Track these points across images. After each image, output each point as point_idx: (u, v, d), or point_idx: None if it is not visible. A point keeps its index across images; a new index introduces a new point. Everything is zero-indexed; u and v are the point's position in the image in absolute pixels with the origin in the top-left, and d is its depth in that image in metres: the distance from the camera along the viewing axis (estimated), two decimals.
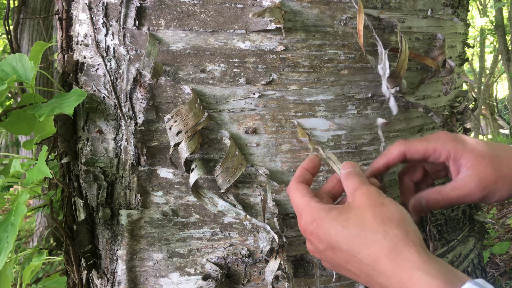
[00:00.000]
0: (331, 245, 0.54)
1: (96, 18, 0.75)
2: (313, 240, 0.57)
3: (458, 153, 0.62)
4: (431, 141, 0.64)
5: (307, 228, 0.58)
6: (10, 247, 0.71)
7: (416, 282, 0.45)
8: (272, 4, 0.69)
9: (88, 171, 0.80)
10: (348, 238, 0.52)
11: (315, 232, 0.56)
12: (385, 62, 0.72)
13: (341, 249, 0.53)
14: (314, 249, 0.59)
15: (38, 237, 3.82)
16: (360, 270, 0.52)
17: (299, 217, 0.59)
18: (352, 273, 0.54)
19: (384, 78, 0.73)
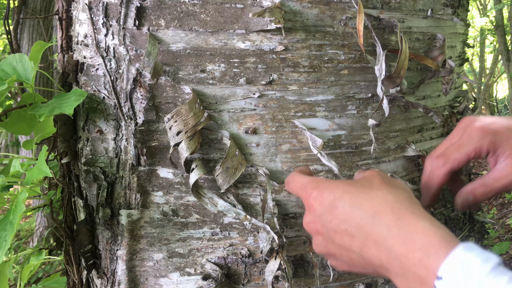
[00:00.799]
0: (332, 204, 0.54)
1: (96, 18, 0.75)
2: (314, 204, 0.56)
3: (495, 146, 0.61)
4: (466, 144, 0.62)
5: (311, 194, 0.57)
6: (7, 245, 0.71)
7: (419, 230, 0.45)
8: (272, 4, 0.69)
9: (88, 171, 0.80)
10: (352, 195, 0.53)
11: (319, 195, 0.56)
12: (382, 64, 0.72)
13: (342, 206, 0.53)
14: (311, 217, 0.57)
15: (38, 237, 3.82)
16: (357, 228, 0.50)
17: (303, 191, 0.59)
18: (346, 235, 0.51)
19: (380, 79, 0.73)
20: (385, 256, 0.47)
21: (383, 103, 0.73)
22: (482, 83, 7.02)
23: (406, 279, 0.45)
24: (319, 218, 0.55)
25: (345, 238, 0.52)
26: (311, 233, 0.59)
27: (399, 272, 0.45)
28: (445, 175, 0.63)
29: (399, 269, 0.45)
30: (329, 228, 0.54)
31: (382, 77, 0.72)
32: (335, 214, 0.53)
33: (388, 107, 0.73)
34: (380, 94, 0.73)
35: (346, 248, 0.52)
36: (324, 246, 0.56)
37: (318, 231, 0.57)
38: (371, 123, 0.74)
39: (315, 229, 0.57)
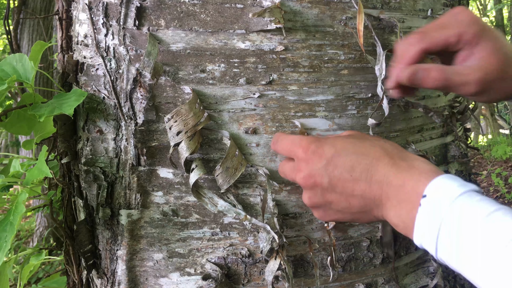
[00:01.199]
0: (335, 154, 0.58)
1: (96, 18, 0.75)
2: (313, 157, 0.59)
3: (478, 39, 0.58)
4: (451, 27, 0.59)
5: (309, 147, 0.60)
6: (8, 246, 0.71)
7: (412, 166, 0.54)
8: (272, 4, 0.69)
9: (88, 171, 0.80)
10: (354, 145, 0.59)
11: (319, 148, 0.59)
12: (382, 63, 0.72)
13: (346, 155, 0.58)
14: (308, 171, 0.59)
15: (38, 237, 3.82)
16: (363, 172, 0.56)
17: (297, 146, 0.61)
18: (349, 181, 0.57)
19: (380, 79, 0.73)
20: (385, 191, 0.55)
21: (383, 103, 0.73)
22: None
23: (400, 206, 0.53)
24: (319, 170, 0.59)
25: (348, 184, 0.57)
26: (306, 187, 0.61)
27: (395, 201, 0.54)
28: (418, 53, 0.60)
29: (395, 199, 0.54)
30: (331, 177, 0.58)
31: (382, 77, 0.72)
32: (338, 164, 0.58)
33: (388, 107, 0.73)
34: (380, 94, 0.73)
35: (348, 194, 0.58)
36: (320, 196, 0.60)
37: (316, 183, 0.59)
38: (370, 122, 0.74)
39: (312, 182, 0.60)
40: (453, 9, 0.62)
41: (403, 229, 0.55)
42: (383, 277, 0.82)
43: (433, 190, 0.50)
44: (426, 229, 0.51)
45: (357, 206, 0.58)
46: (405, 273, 0.86)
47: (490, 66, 0.58)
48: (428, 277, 0.88)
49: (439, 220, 0.49)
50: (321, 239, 0.78)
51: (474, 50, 0.59)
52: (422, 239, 0.52)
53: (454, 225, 0.48)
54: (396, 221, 0.55)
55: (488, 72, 0.58)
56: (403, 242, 0.85)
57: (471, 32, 0.58)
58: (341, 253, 0.79)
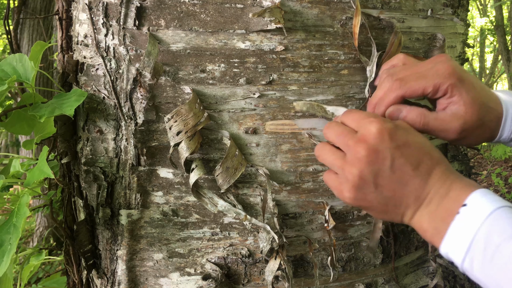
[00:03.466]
0: (407, 142, 0.58)
1: (96, 18, 0.75)
2: (385, 136, 0.58)
3: (455, 90, 0.61)
4: (429, 77, 0.62)
5: (384, 123, 0.58)
6: (13, 249, 0.70)
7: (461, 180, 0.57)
8: (272, 4, 0.69)
9: (88, 171, 0.80)
10: (424, 142, 0.60)
11: (393, 129, 0.58)
12: (373, 66, 0.72)
13: (417, 149, 0.58)
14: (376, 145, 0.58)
15: (38, 237, 3.82)
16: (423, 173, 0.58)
17: (370, 118, 0.60)
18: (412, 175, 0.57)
19: (368, 81, 0.73)
20: (430, 195, 0.57)
21: (367, 105, 0.73)
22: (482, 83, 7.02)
23: (437, 212, 0.55)
24: (387, 150, 0.57)
25: (407, 177, 0.57)
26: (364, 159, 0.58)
27: (434, 206, 0.56)
28: (396, 100, 0.64)
29: (435, 204, 0.56)
30: (395, 162, 0.57)
31: (372, 79, 0.72)
32: (406, 154, 0.57)
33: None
34: (367, 96, 0.74)
35: (401, 184, 0.58)
36: (373, 175, 0.58)
37: (378, 159, 0.57)
38: None
39: (374, 157, 0.58)
40: (435, 57, 0.64)
41: (431, 235, 0.56)
42: (383, 277, 0.82)
43: (474, 201, 0.53)
44: (459, 236, 0.52)
45: (398, 200, 0.58)
46: (405, 273, 0.86)
47: (468, 115, 0.61)
48: (428, 277, 0.88)
49: (474, 229, 0.51)
50: (321, 239, 0.78)
51: (452, 100, 0.62)
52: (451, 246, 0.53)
53: (489, 237, 0.50)
54: (427, 226, 0.56)
55: (466, 121, 0.61)
56: (403, 242, 0.85)
57: (447, 83, 0.61)
58: (341, 253, 0.79)
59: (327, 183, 0.63)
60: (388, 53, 0.73)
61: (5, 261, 0.69)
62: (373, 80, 0.72)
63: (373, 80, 0.72)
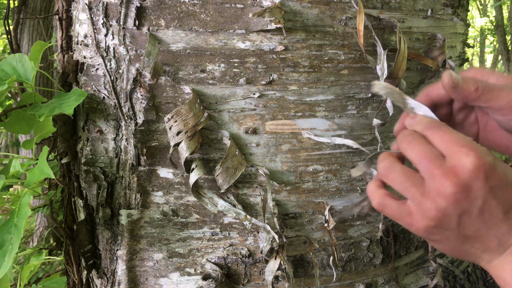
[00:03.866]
0: (506, 183, 0.50)
1: (96, 18, 0.75)
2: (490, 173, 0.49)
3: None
4: None
5: (483, 162, 0.49)
6: (15, 249, 0.69)
7: None
8: (272, 4, 0.69)
9: (88, 171, 0.80)
10: None
11: (492, 167, 0.49)
12: (384, 63, 0.72)
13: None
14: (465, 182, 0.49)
15: (38, 237, 3.82)
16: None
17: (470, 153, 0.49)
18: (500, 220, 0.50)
19: (382, 79, 0.73)
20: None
21: (387, 103, 0.73)
22: None
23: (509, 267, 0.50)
24: (479, 189, 0.49)
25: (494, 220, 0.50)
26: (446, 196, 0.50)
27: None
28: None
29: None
30: (485, 203, 0.50)
31: (385, 76, 0.72)
32: (498, 195, 0.50)
33: (392, 106, 0.73)
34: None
35: (485, 227, 0.51)
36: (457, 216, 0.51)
37: (461, 200, 0.50)
38: (376, 122, 0.74)
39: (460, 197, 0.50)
40: None
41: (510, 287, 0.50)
42: (383, 277, 0.82)
43: None
44: None
45: (478, 242, 0.52)
46: (405, 273, 0.86)
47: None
48: (428, 277, 0.88)
49: None
50: (321, 239, 0.78)
51: None
52: None
53: None
54: (509, 277, 0.50)
55: None
56: (403, 242, 0.85)
57: None
58: (341, 253, 0.79)
59: (383, 209, 0.54)
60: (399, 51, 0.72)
61: (6, 261, 0.69)
62: (387, 76, 0.72)
63: (386, 78, 0.72)
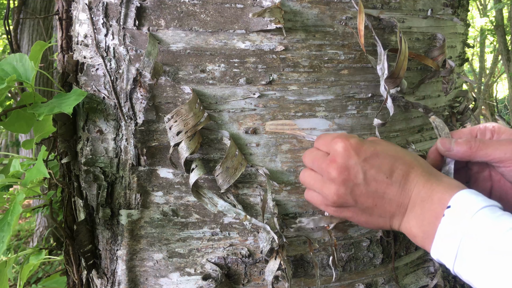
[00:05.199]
0: (375, 152, 0.60)
1: (96, 18, 0.75)
2: (351, 153, 0.60)
3: None
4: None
5: (348, 140, 0.61)
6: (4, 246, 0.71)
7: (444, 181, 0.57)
8: (272, 4, 0.69)
9: (88, 171, 0.80)
10: (393, 149, 0.62)
11: (358, 144, 0.60)
12: (384, 63, 0.72)
13: (385, 157, 0.60)
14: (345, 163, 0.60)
15: (38, 237, 3.82)
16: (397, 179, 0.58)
17: (336, 139, 0.62)
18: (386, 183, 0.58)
19: (382, 79, 0.73)
20: (413, 200, 0.57)
21: (387, 103, 0.73)
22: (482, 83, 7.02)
23: (423, 216, 0.55)
24: (356, 165, 0.59)
25: (382, 186, 0.59)
26: (337, 179, 0.60)
27: (419, 211, 0.56)
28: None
29: (420, 209, 0.56)
30: (367, 175, 0.59)
31: (385, 76, 0.72)
32: (376, 164, 0.59)
33: (393, 106, 0.73)
34: (384, 94, 0.73)
35: (378, 195, 0.59)
36: (349, 191, 0.60)
37: (350, 176, 0.60)
38: (376, 122, 0.74)
39: (346, 175, 0.60)
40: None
41: (421, 240, 0.56)
42: (383, 277, 0.82)
43: (457, 202, 0.53)
44: (447, 239, 0.52)
45: (380, 209, 0.60)
46: (405, 273, 0.86)
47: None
48: (428, 277, 0.88)
49: (461, 232, 0.51)
50: (321, 239, 0.78)
51: None
52: (440, 249, 0.53)
53: (475, 238, 0.49)
54: (416, 231, 0.56)
55: None
56: (403, 242, 0.85)
57: None
58: (341, 253, 0.79)
59: (311, 201, 0.67)
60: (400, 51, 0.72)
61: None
62: (386, 77, 0.72)
63: (387, 77, 0.72)
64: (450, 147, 0.65)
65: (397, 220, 0.59)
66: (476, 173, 0.68)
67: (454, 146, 0.64)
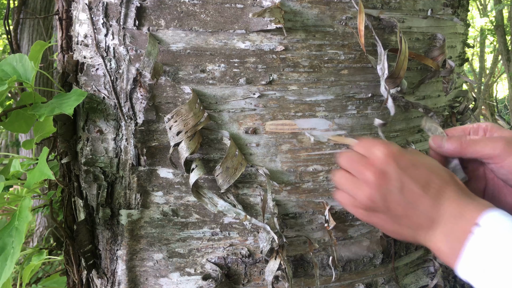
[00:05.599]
0: (413, 164, 0.60)
1: (96, 18, 0.75)
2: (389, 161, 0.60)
3: None
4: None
5: (390, 149, 0.60)
6: (17, 253, 0.69)
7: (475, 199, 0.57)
8: (272, 4, 0.69)
9: (88, 171, 0.80)
10: (430, 162, 0.62)
11: (400, 154, 0.60)
12: (384, 63, 0.72)
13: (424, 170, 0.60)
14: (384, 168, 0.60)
15: (38, 237, 3.82)
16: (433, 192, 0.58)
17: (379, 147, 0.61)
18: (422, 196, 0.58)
19: (383, 79, 0.73)
20: (443, 215, 0.57)
21: (388, 103, 0.73)
22: (482, 83, 7.01)
23: (452, 232, 0.55)
24: (395, 172, 0.59)
25: (417, 197, 0.58)
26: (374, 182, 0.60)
27: (449, 227, 0.56)
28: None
29: (450, 225, 0.56)
30: (404, 184, 0.59)
31: (385, 76, 0.72)
32: (413, 175, 0.59)
33: (394, 106, 0.73)
34: (384, 94, 0.73)
35: (412, 205, 0.58)
36: (383, 197, 0.60)
37: (382, 184, 0.59)
38: (377, 122, 0.74)
39: (380, 182, 0.59)
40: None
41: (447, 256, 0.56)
42: (383, 277, 0.82)
43: (487, 221, 0.53)
44: (474, 258, 0.52)
45: (410, 220, 0.59)
46: (405, 273, 0.86)
47: None
48: (428, 277, 0.88)
49: (489, 251, 0.51)
50: (321, 239, 0.78)
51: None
52: (467, 268, 0.53)
53: (504, 258, 0.49)
54: (443, 246, 0.56)
55: None
56: (403, 242, 0.85)
57: None
58: (341, 253, 0.79)
59: (341, 201, 0.66)
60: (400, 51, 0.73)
61: (8, 265, 0.68)
62: (387, 77, 0.72)
63: (387, 77, 0.72)
64: (441, 144, 0.66)
65: (424, 233, 0.59)
66: (471, 172, 0.68)
67: (445, 143, 0.65)
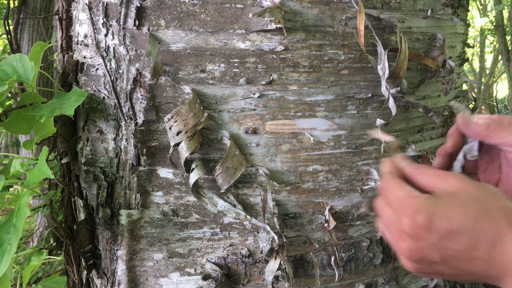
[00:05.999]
0: (452, 229, 0.51)
1: (96, 18, 0.75)
2: (421, 233, 0.51)
3: None
4: None
5: (416, 218, 0.52)
6: (13, 249, 0.69)
7: None
8: (272, 4, 0.69)
9: (88, 171, 0.80)
10: (474, 216, 0.50)
11: (429, 222, 0.51)
12: (385, 63, 0.72)
13: (467, 232, 0.50)
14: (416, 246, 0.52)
15: (38, 237, 3.82)
16: (483, 252, 0.50)
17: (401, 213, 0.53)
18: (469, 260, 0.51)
19: (384, 79, 0.73)
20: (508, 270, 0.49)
21: (389, 103, 0.73)
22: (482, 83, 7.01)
23: None
24: (430, 246, 0.52)
25: (464, 262, 0.51)
26: (411, 259, 0.54)
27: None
28: None
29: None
30: (444, 254, 0.52)
31: (386, 76, 0.72)
32: (454, 241, 0.51)
33: (395, 106, 0.73)
34: (385, 94, 0.73)
35: (461, 270, 0.52)
36: (427, 267, 0.54)
37: (425, 257, 0.53)
38: (379, 122, 0.74)
39: (420, 256, 0.53)
40: None
41: None
42: (383, 277, 0.82)
43: None
44: None
45: (466, 277, 0.54)
46: (405, 273, 0.86)
47: None
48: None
49: None
50: (321, 239, 0.78)
51: None
52: None
53: None
54: None
55: None
56: None
57: None
58: (341, 253, 0.79)
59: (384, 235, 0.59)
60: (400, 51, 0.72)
61: (5, 261, 0.69)
62: (388, 76, 0.72)
63: (388, 77, 0.72)
64: (468, 122, 0.60)
65: (492, 281, 0.52)
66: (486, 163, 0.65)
67: (472, 123, 0.60)
